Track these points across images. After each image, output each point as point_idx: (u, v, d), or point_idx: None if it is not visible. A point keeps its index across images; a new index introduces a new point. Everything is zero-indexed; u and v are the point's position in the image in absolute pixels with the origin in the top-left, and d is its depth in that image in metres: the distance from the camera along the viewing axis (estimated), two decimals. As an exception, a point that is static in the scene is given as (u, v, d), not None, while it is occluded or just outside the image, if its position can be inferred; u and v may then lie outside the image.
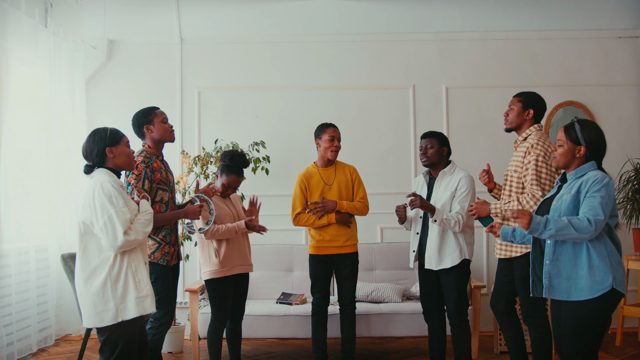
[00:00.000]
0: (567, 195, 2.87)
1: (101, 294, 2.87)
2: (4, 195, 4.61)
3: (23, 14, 4.79)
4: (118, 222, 2.83)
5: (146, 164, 3.52)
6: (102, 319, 2.88)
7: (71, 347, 5.16)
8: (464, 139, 5.78)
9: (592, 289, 2.77)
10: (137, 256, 2.97)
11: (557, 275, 2.87)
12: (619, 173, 5.34)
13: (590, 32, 5.82)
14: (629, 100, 5.81)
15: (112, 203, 2.85)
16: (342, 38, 5.86)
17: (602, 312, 2.79)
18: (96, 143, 3.00)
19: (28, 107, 5.06)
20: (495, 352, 4.90)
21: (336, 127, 4.32)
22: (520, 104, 3.63)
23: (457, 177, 3.93)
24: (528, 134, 3.60)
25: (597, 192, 2.78)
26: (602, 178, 2.81)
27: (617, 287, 2.76)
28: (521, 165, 3.52)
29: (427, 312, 4.10)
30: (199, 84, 5.85)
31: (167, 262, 3.60)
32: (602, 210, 2.74)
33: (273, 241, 5.55)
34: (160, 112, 3.70)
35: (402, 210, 4.04)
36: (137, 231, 2.90)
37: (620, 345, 5.07)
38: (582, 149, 2.88)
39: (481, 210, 3.57)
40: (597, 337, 2.81)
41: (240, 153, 4.09)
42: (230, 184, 4.06)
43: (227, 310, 4.01)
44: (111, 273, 2.88)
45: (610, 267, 2.77)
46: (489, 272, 5.64)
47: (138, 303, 2.91)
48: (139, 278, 2.95)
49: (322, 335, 4.30)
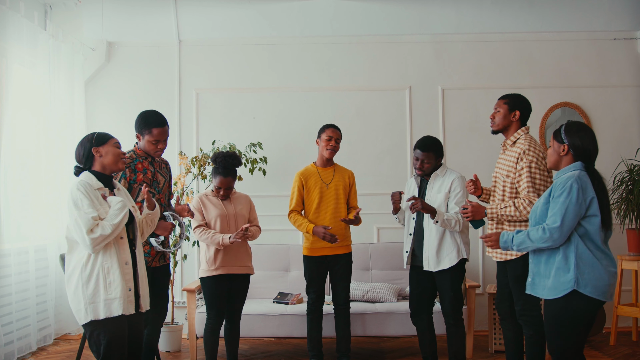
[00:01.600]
0: (542, 198, 2.94)
1: (76, 294, 2.99)
2: (3, 196, 4.66)
3: (22, 17, 4.84)
4: (82, 223, 2.92)
5: (127, 164, 3.57)
6: (79, 317, 3.01)
7: (70, 346, 5.21)
8: (459, 140, 5.82)
9: (556, 289, 2.87)
10: (111, 257, 3.01)
11: (538, 273, 3.00)
12: (613, 174, 5.37)
13: (586, 33, 5.86)
14: (624, 102, 5.85)
15: (77, 206, 2.95)
16: (339, 40, 5.91)
17: (565, 312, 2.84)
18: (84, 145, 3.12)
19: (28, 108, 5.10)
20: (490, 352, 4.94)
21: (337, 128, 4.38)
22: (507, 106, 3.66)
23: (449, 178, 3.97)
24: (517, 137, 3.63)
25: (558, 197, 2.84)
26: (566, 181, 2.85)
27: (580, 289, 2.80)
28: (514, 170, 3.54)
29: (415, 314, 4.11)
30: (197, 86, 5.90)
31: (146, 262, 3.53)
32: (561, 217, 2.79)
33: (270, 241, 5.60)
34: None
35: (398, 195, 4.05)
36: (104, 226, 2.94)
37: (614, 344, 5.11)
38: (564, 147, 2.94)
39: (477, 213, 3.61)
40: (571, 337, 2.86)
41: (225, 153, 4.08)
42: (219, 185, 4.08)
43: (219, 309, 4.05)
44: (83, 274, 2.98)
45: (576, 269, 2.81)
46: (484, 272, 5.68)
47: (105, 305, 2.97)
48: (110, 280, 2.99)
49: (317, 335, 4.35)
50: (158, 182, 3.75)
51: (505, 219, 3.54)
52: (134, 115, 5.72)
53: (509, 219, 3.52)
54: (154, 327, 3.76)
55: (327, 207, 4.30)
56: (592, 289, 2.81)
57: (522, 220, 3.50)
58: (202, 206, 4.09)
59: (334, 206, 4.30)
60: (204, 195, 4.15)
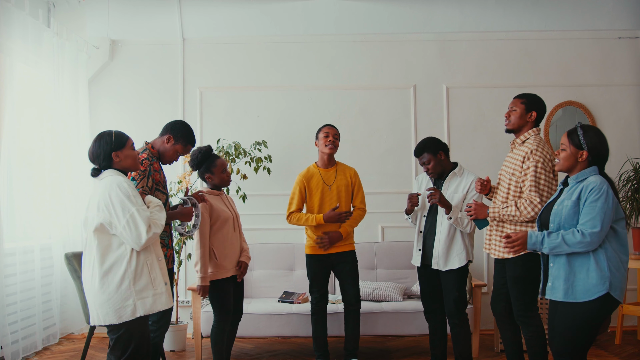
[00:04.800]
0: (568, 200, 2.91)
1: (120, 290, 2.91)
2: (8, 194, 4.64)
3: (27, 15, 4.82)
4: (140, 220, 2.88)
5: (150, 162, 3.56)
6: (121, 315, 2.92)
7: (74, 345, 5.19)
8: (464, 138, 5.82)
9: (587, 292, 2.82)
10: (151, 253, 3.03)
11: (558, 277, 2.93)
12: (619, 173, 5.37)
13: (590, 32, 5.86)
14: (628, 101, 5.85)
15: (132, 202, 2.90)
16: (343, 38, 5.90)
17: (596, 316, 2.83)
18: (102, 147, 3.04)
19: (31, 106, 5.09)
20: (496, 351, 4.93)
21: (332, 125, 4.37)
22: (523, 106, 3.61)
23: (467, 179, 3.97)
24: (527, 137, 3.59)
25: (595, 202, 2.81)
26: (601, 185, 2.83)
27: (612, 292, 2.80)
28: (520, 170, 3.52)
29: (428, 310, 4.13)
30: (201, 84, 5.88)
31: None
32: (600, 221, 2.78)
33: (275, 240, 5.59)
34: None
35: (416, 197, 4.04)
36: (157, 225, 2.96)
37: (620, 343, 5.10)
38: (584, 154, 2.91)
39: (479, 212, 3.60)
40: (587, 338, 2.86)
41: (199, 149, 4.03)
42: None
43: (230, 309, 4.03)
44: (128, 269, 2.93)
45: (609, 272, 2.80)
46: (489, 271, 5.68)
47: (155, 299, 2.97)
48: (154, 275, 3.00)
49: (322, 334, 4.34)
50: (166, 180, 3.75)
51: (507, 219, 3.52)
52: (137, 113, 5.83)
53: (510, 219, 3.50)
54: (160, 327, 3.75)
55: (328, 209, 4.27)
56: (620, 292, 2.83)
57: (523, 221, 3.48)
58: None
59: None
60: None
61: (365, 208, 4.37)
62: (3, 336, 4.42)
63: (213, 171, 4.00)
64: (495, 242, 3.65)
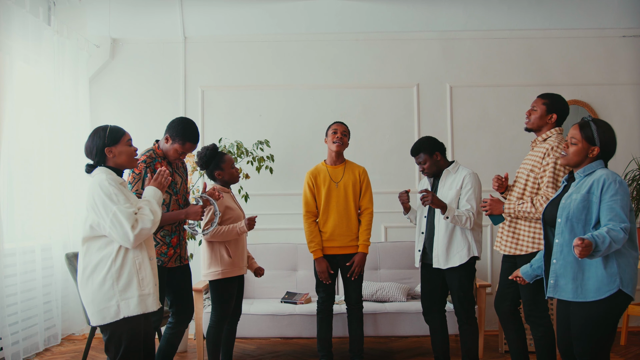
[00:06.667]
0: (577, 194, 2.85)
1: (102, 290, 2.84)
2: (8, 194, 4.60)
3: (27, 12, 4.78)
4: (123, 218, 2.81)
5: (147, 164, 3.49)
6: (104, 316, 2.85)
7: (75, 346, 5.15)
8: (467, 137, 5.78)
9: (599, 290, 2.76)
10: (142, 252, 2.94)
11: (563, 275, 2.87)
12: (624, 172, 5.34)
13: (594, 31, 5.82)
14: (633, 99, 5.81)
15: (113, 201, 2.83)
16: (345, 37, 5.86)
17: (610, 313, 2.78)
18: (95, 143, 2.98)
19: (31, 105, 5.05)
20: (500, 352, 4.89)
21: (341, 122, 4.33)
22: (545, 107, 3.56)
23: (461, 175, 3.94)
24: (549, 135, 3.55)
25: (616, 196, 2.74)
26: (615, 178, 2.78)
27: (624, 289, 2.74)
28: (539, 166, 3.48)
29: (427, 312, 4.09)
30: (203, 83, 5.84)
31: (162, 262, 3.55)
32: (625, 215, 2.73)
33: (277, 240, 5.55)
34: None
35: (405, 195, 4.06)
36: (144, 221, 2.88)
37: (625, 344, 5.07)
38: (595, 149, 2.86)
39: (495, 208, 3.55)
40: (606, 337, 2.81)
41: (205, 148, 4.04)
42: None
43: (230, 312, 4.00)
44: (112, 269, 2.85)
45: (618, 268, 2.75)
46: (493, 270, 5.64)
47: (140, 301, 2.88)
48: (143, 275, 2.91)
49: (327, 335, 4.30)
50: (175, 182, 3.69)
51: (522, 215, 3.48)
52: (138, 112, 5.78)
53: (525, 215, 3.46)
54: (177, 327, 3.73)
55: (334, 207, 4.23)
56: (632, 288, 2.78)
57: (538, 218, 3.44)
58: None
59: (343, 206, 4.23)
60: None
61: (372, 208, 4.32)
62: (4, 337, 4.38)
63: (222, 167, 3.98)
64: (505, 238, 3.61)
